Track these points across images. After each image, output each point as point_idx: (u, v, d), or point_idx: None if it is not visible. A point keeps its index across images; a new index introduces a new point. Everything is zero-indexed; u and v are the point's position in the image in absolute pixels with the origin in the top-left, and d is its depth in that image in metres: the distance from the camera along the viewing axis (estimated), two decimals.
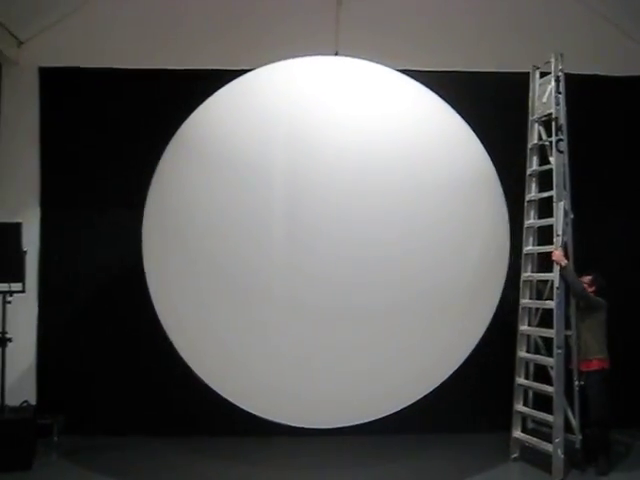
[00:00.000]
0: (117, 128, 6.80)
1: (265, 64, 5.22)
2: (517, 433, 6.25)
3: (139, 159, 6.13)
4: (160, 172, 5.20)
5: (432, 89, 5.91)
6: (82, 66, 6.72)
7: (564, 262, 5.85)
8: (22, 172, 6.79)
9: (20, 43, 6.78)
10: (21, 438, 5.85)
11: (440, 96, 5.41)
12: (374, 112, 4.75)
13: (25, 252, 6.08)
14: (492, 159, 6.34)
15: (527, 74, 6.44)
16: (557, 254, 5.87)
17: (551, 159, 6.11)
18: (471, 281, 4.92)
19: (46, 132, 6.83)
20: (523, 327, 6.33)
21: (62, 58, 6.70)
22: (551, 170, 6.08)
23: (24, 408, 6.22)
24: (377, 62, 5.24)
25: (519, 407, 6.28)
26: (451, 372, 5.41)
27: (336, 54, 5.87)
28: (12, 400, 6.20)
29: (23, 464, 5.79)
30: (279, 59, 5.20)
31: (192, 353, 5.21)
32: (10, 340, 6.08)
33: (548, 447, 5.78)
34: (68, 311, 6.76)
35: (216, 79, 5.42)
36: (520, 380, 6.30)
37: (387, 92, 5.00)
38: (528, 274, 6.37)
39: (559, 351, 5.77)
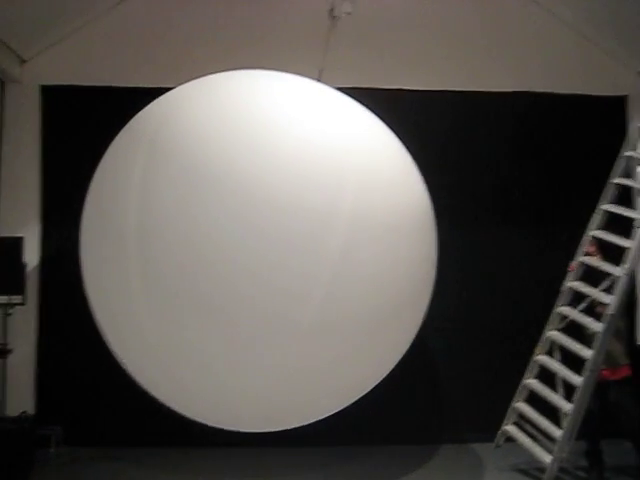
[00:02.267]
0: None
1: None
2: (509, 427, 6.13)
3: None
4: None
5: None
6: (82, 84, 6.68)
7: None
8: (24, 188, 6.70)
9: (23, 61, 6.74)
10: (20, 449, 5.38)
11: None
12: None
13: (25, 265, 6.13)
14: None
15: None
16: None
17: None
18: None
19: (47, 148, 6.76)
20: (550, 332, 6.05)
21: (63, 76, 6.70)
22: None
23: (23, 418, 5.70)
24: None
25: (519, 405, 6.10)
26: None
27: (320, 75, 5.67)
28: (10, 410, 6.03)
29: (21, 476, 5.33)
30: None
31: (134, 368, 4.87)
32: (10, 351, 6.03)
33: (543, 456, 5.65)
34: (67, 322, 6.38)
35: None
36: (530, 382, 6.06)
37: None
38: (581, 284, 5.92)
39: (590, 374, 5.54)
